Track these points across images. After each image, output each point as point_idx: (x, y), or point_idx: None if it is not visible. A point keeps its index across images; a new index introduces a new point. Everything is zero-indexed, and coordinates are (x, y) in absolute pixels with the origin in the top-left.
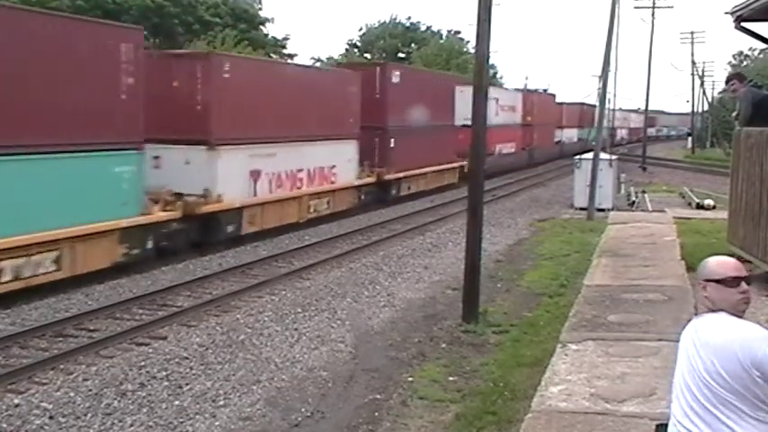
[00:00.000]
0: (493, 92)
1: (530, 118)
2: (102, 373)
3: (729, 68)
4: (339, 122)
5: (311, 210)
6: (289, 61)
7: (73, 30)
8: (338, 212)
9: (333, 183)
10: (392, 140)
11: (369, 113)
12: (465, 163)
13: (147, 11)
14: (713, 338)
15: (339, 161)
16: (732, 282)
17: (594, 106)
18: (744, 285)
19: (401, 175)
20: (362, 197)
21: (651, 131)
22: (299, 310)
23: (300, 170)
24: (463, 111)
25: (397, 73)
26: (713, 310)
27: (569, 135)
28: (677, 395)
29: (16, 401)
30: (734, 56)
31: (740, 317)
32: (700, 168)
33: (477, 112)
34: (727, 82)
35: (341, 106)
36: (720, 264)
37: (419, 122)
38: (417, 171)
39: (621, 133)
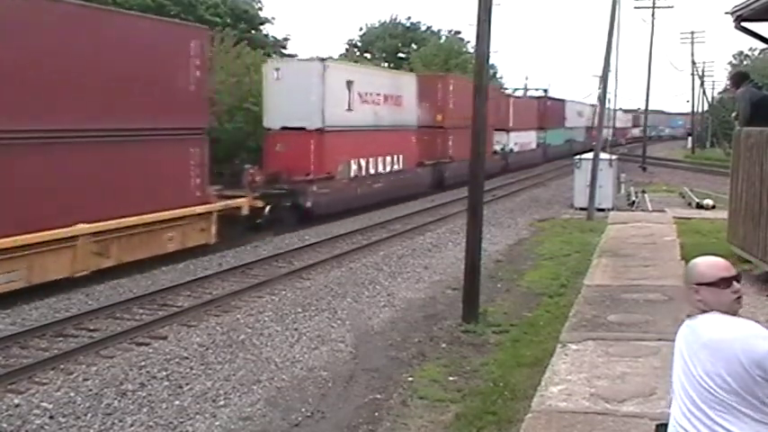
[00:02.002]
0: (336, 70)
1: (441, 117)
2: (102, 373)
3: (729, 68)
4: None
5: None
6: None
7: None
8: None
9: None
10: None
11: None
12: (246, 201)
13: (147, 10)
14: (712, 339)
15: None
16: (725, 283)
17: (563, 101)
18: (736, 285)
19: None
20: None
21: (635, 132)
22: (300, 310)
23: None
24: (286, 103)
25: None
26: (706, 312)
27: (523, 140)
28: (675, 397)
29: (16, 401)
30: (734, 56)
31: (735, 315)
32: (700, 168)
33: (478, 112)
34: (730, 80)
35: None
36: (710, 265)
37: (63, 125)
38: (39, 237)
39: (606, 133)
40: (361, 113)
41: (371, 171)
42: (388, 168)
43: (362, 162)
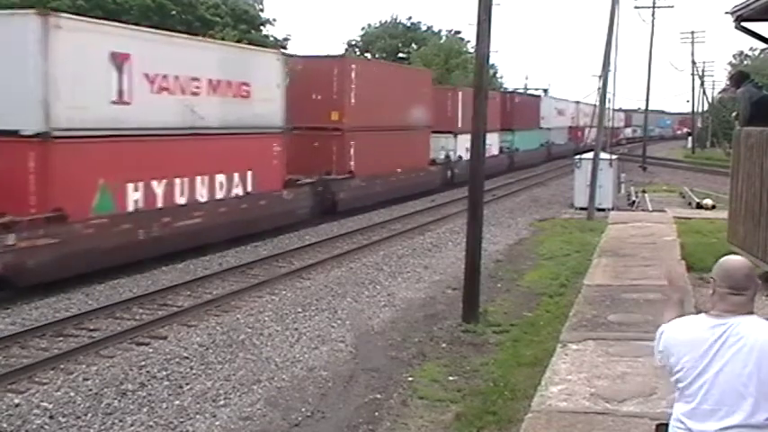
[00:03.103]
0: (79, 33)
1: (338, 115)
2: (102, 373)
3: (729, 68)
4: None
5: None
6: None
7: None
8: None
9: None
10: None
11: None
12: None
13: (147, 10)
14: (759, 341)
15: None
16: None
17: (537, 96)
18: None
19: None
20: None
21: (628, 132)
22: (300, 310)
23: None
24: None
25: None
26: (751, 312)
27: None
28: (686, 397)
29: (16, 401)
30: (734, 56)
31: None
32: (700, 168)
33: (478, 113)
34: (730, 79)
35: None
36: None
37: None
38: None
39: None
40: (153, 108)
41: (180, 200)
42: (220, 194)
43: (157, 187)
